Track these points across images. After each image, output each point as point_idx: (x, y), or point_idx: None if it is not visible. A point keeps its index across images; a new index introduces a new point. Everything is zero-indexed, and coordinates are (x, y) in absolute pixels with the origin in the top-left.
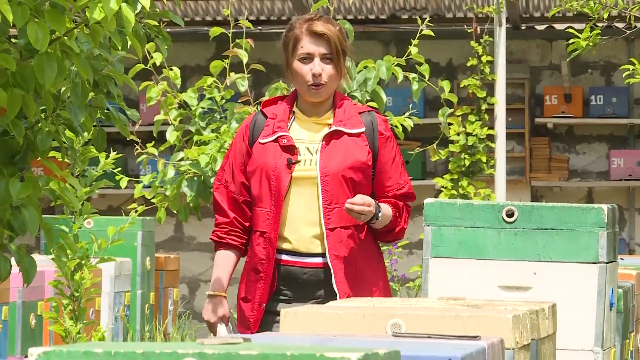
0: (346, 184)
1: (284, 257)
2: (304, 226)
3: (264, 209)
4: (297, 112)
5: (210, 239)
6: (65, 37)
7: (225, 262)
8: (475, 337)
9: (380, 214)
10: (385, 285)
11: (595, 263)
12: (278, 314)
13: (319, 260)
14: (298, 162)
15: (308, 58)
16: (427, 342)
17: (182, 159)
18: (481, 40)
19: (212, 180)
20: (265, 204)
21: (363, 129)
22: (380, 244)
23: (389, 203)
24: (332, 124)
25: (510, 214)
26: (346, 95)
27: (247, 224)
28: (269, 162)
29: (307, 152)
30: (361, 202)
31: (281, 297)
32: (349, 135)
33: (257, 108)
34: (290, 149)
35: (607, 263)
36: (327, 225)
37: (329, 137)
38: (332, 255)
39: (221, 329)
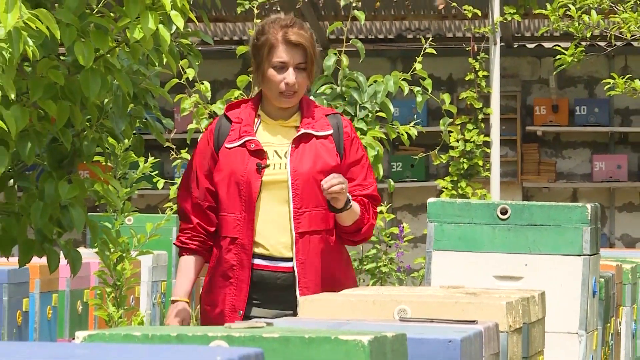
0: (317, 187)
1: (257, 261)
2: (276, 231)
3: (234, 214)
4: (262, 115)
5: (174, 244)
6: (108, 55)
7: (188, 268)
8: (472, 322)
9: (350, 204)
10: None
11: (580, 255)
12: (251, 318)
13: (290, 264)
14: (268, 166)
15: (282, 67)
16: (430, 326)
17: None
18: (478, 57)
19: None
20: (236, 209)
21: (331, 131)
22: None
23: (355, 200)
24: (300, 126)
25: (504, 212)
26: (360, 105)
27: (211, 230)
28: (237, 168)
29: (275, 156)
30: (337, 180)
31: (253, 302)
32: (317, 137)
33: None
34: (259, 153)
35: (590, 255)
36: (297, 230)
37: (298, 140)
38: (299, 260)
39: None
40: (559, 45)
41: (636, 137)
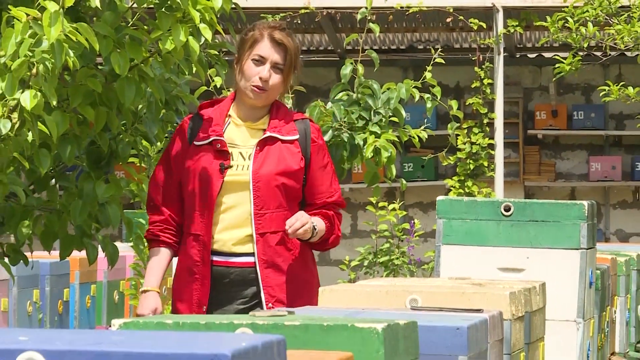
0: (278, 190)
1: (215, 258)
2: (234, 229)
3: (197, 211)
4: (232, 116)
5: (145, 236)
6: (142, 64)
7: (159, 260)
8: (478, 310)
9: (316, 232)
10: (315, 291)
11: (578, 249)
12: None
13: (247, 259)
14: (230, 167)
15: (260, 61)
16: (439, 314)
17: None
18: (483, 67)
19: None
20: (198, 207)
21: (297, 136)
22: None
23: (319, 215)
24: (266, 129)
25: (507, 209)
26: (374, 110)
27: (181, 222)
28: (201, 166)
29: (240, 157)
30: (300, 222)
31: (214, 300)
32: (283, 142)
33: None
34: (224, 154)
35: (587, 249)
36: (258, 230)
37: (263, 143)
38: (261, 259)
39: None
40: (558, 55)
41: (629, 140)
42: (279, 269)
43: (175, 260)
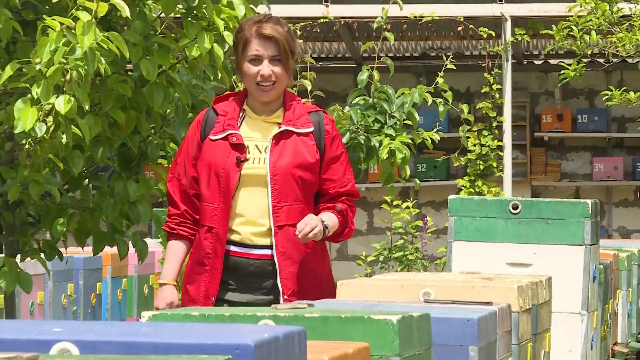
0: (295, 182)
1: (233, 248)
2: (253, 222)
3: (213, 204)
4: (247, 110)
5: (163, 229)
6: (170, 70)
7: (176, 253)
8: (488, 303)
9: (327, 230)
10: (330, 280)
11: (582, 245)
12: (226, 302)
13: (267, 252)
14: (247, 160)
15: (257, 60)
16: (451, 307)
17: None
18: (492, 73)
19: None
20: (214, 200)
21: (311, 129)
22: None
23: (331, 210)
24: (281, 123)
25: (515, 207)
26: (389, 114)
27: (197, 216)
28: (218, 160)
29: (256, 150)
30: (309, 226)
31: (228, 287)
32: (298, 135)
33: None
34: (240, 147)
35: (591, 245)
36: (276, 223)
37: (279, 137)
38: (279, 252)
39: None
40: (563, 62)
41: (631, 142)
42: (296, 261)
43: None
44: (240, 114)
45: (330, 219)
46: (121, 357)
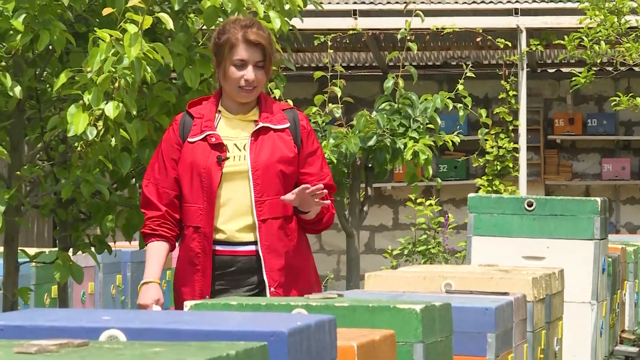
0: (276, 176)
1: (218, 247)
2: (236, 218)
3: (197, 205)
4: (222, 110)
5: (142, 232)
6: (211, 79)
7: (158, 253)
8: (505, 293)
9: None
10: (314, 272)
11: (592, 240)
12: None
13: (251, 248)
14: (227, 158)
15: (242, 65)
16: (471, 297)
17: None
18: (508, 80)
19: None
20: (198, 200)
21: (287, 125)
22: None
23: None
24: (259, 120)
25: (530, 204)
26: (413, 119)
27: (177, 217)
28: (199, 161)
29: (235, 149)
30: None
31: (216, 287)
32: (275, 130)
33: (348, 130)
34: (219, 147)
35: (600, 240)
36: (259, 217)
37: (257, 133)
38: (264, 245)
39: (156, 309)
40: (574, 70)
41: (637, 144)
42: (280, 254)
43: (174, 253)
44: (216, 115)
45: None
46: (165, 344)
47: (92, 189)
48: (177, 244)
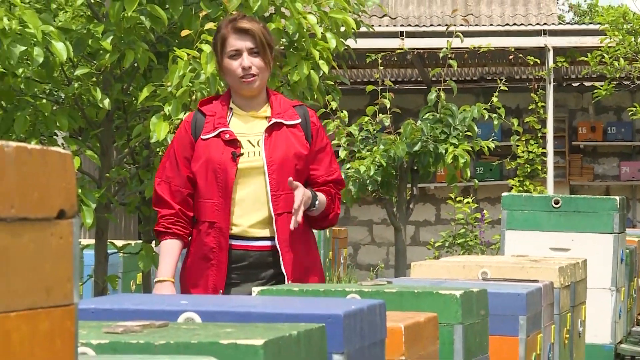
0: (291, 172)
1: (234, 242)
2: (251, 213)
3: (212, 200)
4: (234, 108)
5: (155, 230)
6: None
7: (171, 251)
8: (534, 281)
9: (317, 202)
10: (320, 268)
11: (612, 233)
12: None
13: (265, 243)
14: (242, 154)
15: (236, 54)
16: (504, 284)
17: (348, 168)
18: (537, 93)
19: (367, 182)
20: (213, 196)
21: (299, 121)
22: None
23: (322, 191)
24: (271, 116)
25: (556, 202)
26: (453, 127)
27: (190, 215)
28: (213, 157)
29: (249, 145)
30: (300, 198)
31: (232, 282)
32: (287, 126)
33: (396, 137)
34: (233, 143)
35: (619, 233)
36: (276, 211)
37: (270, 129)
38: (281, 239)
39: None
40: (595, 84)
41: None
42: (294, 248)
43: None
44: (228, 113)
45: (320, 196)
46: (235, 325)
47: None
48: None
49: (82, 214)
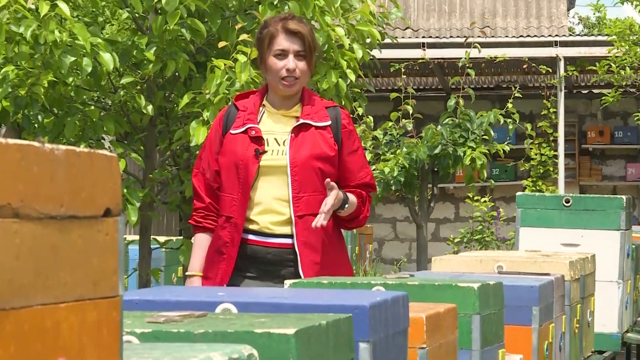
0: (314, 174)
1: (251, 237)
2: (271, 212)
3: (231, 195)
4: (267, 105)
5: (189, 222)
6: None
7: (202, 245)
8: (546, 274)
9: (347, 204)
10: (348, 268)
11: (619, 230)
12: None
13: (284, 241)
14: (265, 152)
15: (282, 54)
16: (518, 277)
17: (374, 169)
18: (549, 99)
19: (391, 182)
20: (233, 190)
21: (329, 122)
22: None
23: (354, 193)
24: (300, 117)
25: (567, 201)
26: (471, 131)
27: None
28: (237, 152)
29: (275, 143)
30: (332, 202)
31: (247, 275)
32: (316, 128)
33: (418, 140)
34: (258, 140)
35: (625, 230)
36: (296, 213)
37: (298, 130)
38: (300, 241)
39: None
40: (604, 91)
41: None
42: (316, 250)
43: None
44: (260, 109)
45: (351, 197)
46: (268, 315)
47: None
48: None
49: (127, 212)
